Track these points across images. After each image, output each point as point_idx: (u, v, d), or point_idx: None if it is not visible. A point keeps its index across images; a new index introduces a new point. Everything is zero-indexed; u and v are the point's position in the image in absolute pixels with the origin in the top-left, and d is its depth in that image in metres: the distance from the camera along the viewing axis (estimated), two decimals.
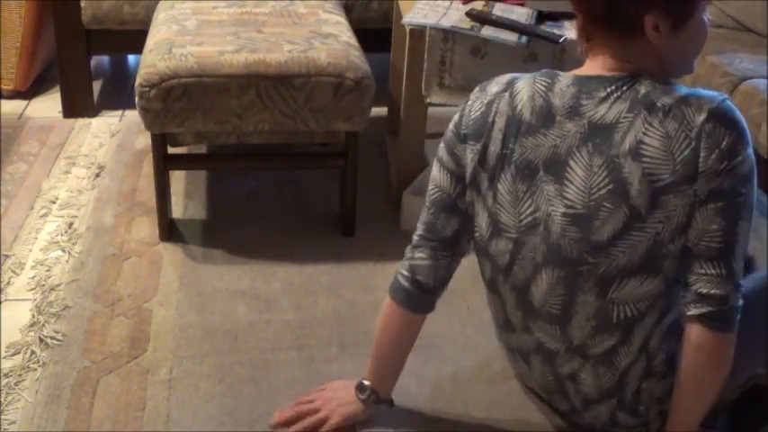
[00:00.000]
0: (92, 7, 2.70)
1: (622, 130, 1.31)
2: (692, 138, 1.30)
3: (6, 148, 2.63)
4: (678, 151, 1.30)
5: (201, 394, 1.67)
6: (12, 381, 1.68)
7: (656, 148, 1.30)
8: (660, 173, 1.30)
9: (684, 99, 1.32)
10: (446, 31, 2.12)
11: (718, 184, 1.30)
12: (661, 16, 1.30)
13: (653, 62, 1.35)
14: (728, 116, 1.33)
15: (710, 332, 1.32)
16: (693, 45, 1.39)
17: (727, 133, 1.32)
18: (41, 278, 2.00)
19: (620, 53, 1.35)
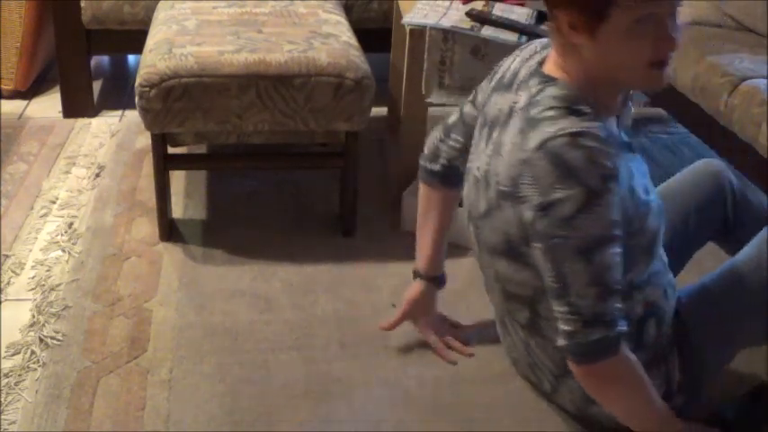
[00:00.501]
0: (92, 7, 2.70)
1: (511, 123, 1.37)
2: (522, 160, 1.31)
3: (6, 148, 2.63)
4: (513, 167, 1.33)
5: (201, 394, 1.67)
6: (12, 381, 1.68)
7: (506, 155, 1.35)
8: (501, 178, 1.35)
9: (537, 120, 1.31)
10: (446, 31, 2.12)
11: (532, 223, 1.30)
12: (573, 13, 1.27)
13: (578, 65, 1.33)
14: (556, 153, 1.27)
15: (572, 363, 1.35)
16: (625, 52, 1.29)
17: (549, 171, 1.27)
18: (41, 278, 2.00)
19: (556, 49, 1.37)
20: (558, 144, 1.27)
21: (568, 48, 1.33)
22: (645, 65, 1.30)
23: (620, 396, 1.43)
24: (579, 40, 1.29)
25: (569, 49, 1.33)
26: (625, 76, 1.33)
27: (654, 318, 1.48)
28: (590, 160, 1.25)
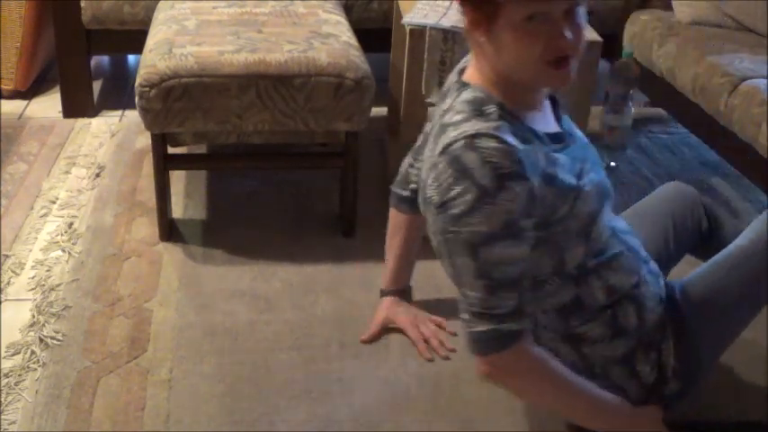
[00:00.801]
0: (92, 7, 2.70)
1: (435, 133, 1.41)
2: (430, 165, 1.37)
3: (6, 148, 2.63)
4: (425, 173, 1.40)
5: (201, 394, 1.67)
6: (12, 381, 1.68)
7: (424, 164, 1.42)
8: (421, 186, 1.43)
9: (446, 126, 1.37)
10: (446, 31, 2.12)
11: (433, 220, 1.37)
12: (471, 10, 1.32)
13: (486, 64, 1.38)
14: (455, 155, 1.31)
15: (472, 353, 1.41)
16: (517, 48, 1.31)
17: (447, 172, 1.32)
18: (41, 278, 2.00)
19: (472, 50, 1.41)
20: (456, 147, 1.31)
21: (476, 47, 1.38)
22: (538, 62, 1.31)
23: (528, 391, 1.48)
24: (480, 38, 1.34)
25: (477, 49, 1.38)
26: (522, 72, 1.34)
27: (632, 305, 1.49)
28: (484, 160, 1.28)
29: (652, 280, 1.54)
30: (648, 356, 1.51)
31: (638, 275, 1.51)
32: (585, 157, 1.47)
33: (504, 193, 1.29)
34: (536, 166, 1.33)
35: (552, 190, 1.36)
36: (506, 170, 1.28)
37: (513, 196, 1.29)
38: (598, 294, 1.47)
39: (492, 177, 1.28)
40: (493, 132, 1.30)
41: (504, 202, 1.29)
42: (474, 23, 1.33)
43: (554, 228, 1.39)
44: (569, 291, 1.46)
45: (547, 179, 1.35)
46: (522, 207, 1.31)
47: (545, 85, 1.42)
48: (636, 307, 1.50)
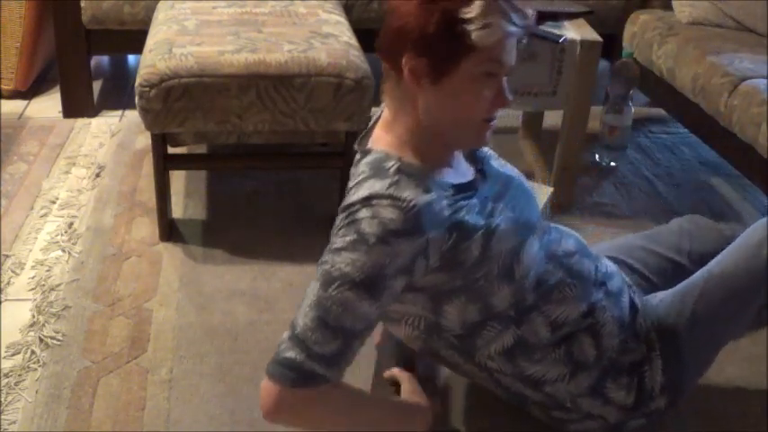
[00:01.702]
0: (92, 7, 2.70)
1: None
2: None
3: (6, 148, 2.63)
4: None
5: (201, 394, 1.67)
6: (12, 381, 1.68)
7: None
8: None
9: (349, 189, 1.35)
10: None
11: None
12: (422, 60, 1.28)
13: (409, 118, 1.35)
14: (352, 217, 1.29)
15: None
16: (466, 103, 1.31)
17: (343, 225, 1.31)
18: (41, 278, 2.00)
19: (390, 104, 1.38)
20: (353, 209, 1.30)
21: (404, 100, 1.34)
22: (481, 118, 1.33)
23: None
24: (418, 89, 1.31)
25: (404, 102, 1.34)
26: (458, 128, 1.34)
27: (587, 337, 1.47)
28: (374, 216, 1.27)
29: (611, 303, 1.50)
30: (619, 381, 1.49)
31: (587, 302, 1.47)
32: (501, 194, 1.44)
33: (384, 247, 1.26)
34: (438, 218, 1.30)
35: (460, 236, 1.33)
36: (393, 227, 1.26)
37: (393, 253, 1.26)
38: (542, 331, 1.44)
39: (376, 230, 1.26)
40: (386, 192, 1.28)
41: (380, 255, 1.26)
42: (420, 74, 1.29)
43: (472, 275, 1.36)
44: (510, 333, 1.43)
45: (452, 228, 1.32)
46: (399, 266, 1.28)
47: (471, 144, 1.41)
48: (592, 338, 1.47)
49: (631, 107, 2.63)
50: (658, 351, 1.51)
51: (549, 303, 1.45)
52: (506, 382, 1.50)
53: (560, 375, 1.47)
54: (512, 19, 1.28)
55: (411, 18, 1.28)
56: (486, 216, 1.37)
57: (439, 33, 1.26)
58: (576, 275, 1.48)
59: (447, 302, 1.40)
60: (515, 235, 1.40)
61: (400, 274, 1.29)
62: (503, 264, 1.38)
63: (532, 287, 1.43)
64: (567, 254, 1.49)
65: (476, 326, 1.42)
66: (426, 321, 1.44)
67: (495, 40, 1.26)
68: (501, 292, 1.39)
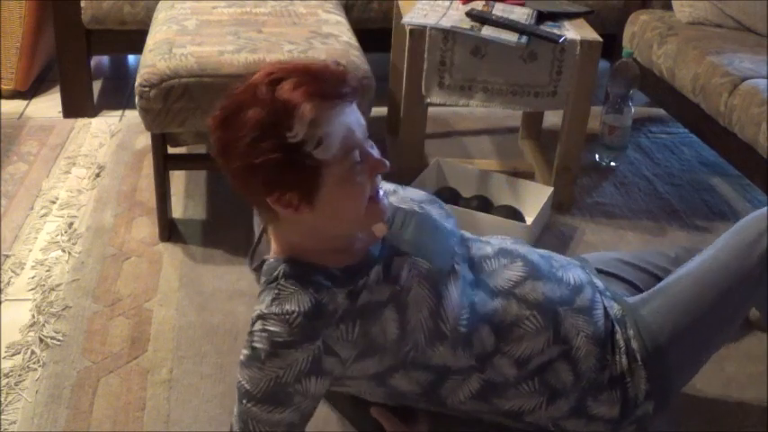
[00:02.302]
0: (92, 7, 2.70)
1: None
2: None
3: (6, 148, 2.63)
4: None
5: (201, 394, 1.67)
6: (12, 381, 1.68)
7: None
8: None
9: (272, 299, 1.31)
10: (446, 31, 2.12)
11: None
12: (287, 195, 1.23)
13: (305, 236, 1.32)
14: (252, 328, 1.30)
15: None
16: (347, 206, 1.27)
17: (247, 336, 1.31)
18: (41, 278, 2.00)
19: (272, 234, 1.36)
20: (252, 323, 1.30)
21: (283, 227, 1.32)
22: (365, 201, 1.28)
23: None
24: (300, 216, 1.26)
25: (289, 229, 1.32)
26: (351, 224, 1.31)
27: (563, 364, 1.43)
28: (262, 331, 1.28)
29: (582, 321, 1.44)
30: (600, 398, 1.45)
31: (552, 329, 1.42)
32: (409, 244, 1.39)
33: (275, 360, 1.26)
34: (331, 316, 1.28)
35: (366, 320, 1.31)
36: (281, 339, 1.26)
37: (286, 364, 1.26)
38: (508, 371, 1.41)
39: (266, 345, 1.27)
40: (272, 307, 1.28)
41: (273, 369, 1.26)
42: (294, 205, 1.24)
43: (400, 351, 1.33)
44: (475, 379, 1.40)
45: (353, 316, 1.30)
46: (300, 372, 1.27)
47: (373, 221, 1.34)
48: (567, 364, 1.43)
49: (631, 107, 2.63)
50: (641, 361, 1.46)
51: (510, 343, 1.40)
52: (486, 417, 1.49)
53: (537, 404, 1.44)
54: (336, 102, 1.22)
55: (251, 165, 1.22)
56: (393, 282, 1.33)
57: (285, 169, 1.21)
58: (534, 305, 1.41)
59: (390, 378, 1.38)
60: (430, 290, 1.34)
61: (306, 377, 1.28)
62: (428, 329, 1.34)
63: (487, 333, 1.38)
64: (516, 283, 1.42)
65: (434, 384, 1.40)
66: (384, 392, 1.43)
67: (337, 146, 1.22)
68: (439, 352, 1.36)
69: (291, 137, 1.19)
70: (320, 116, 1.20)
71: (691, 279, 1.51)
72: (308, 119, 1.19)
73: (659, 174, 2.65)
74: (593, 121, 2.41)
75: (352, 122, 1.25)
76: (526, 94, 2.19)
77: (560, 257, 1.57)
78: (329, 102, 1.22)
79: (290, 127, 1.19)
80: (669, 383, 1.49)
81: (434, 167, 2.39)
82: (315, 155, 1.21)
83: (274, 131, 1.19)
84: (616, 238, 2.28)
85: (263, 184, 1.24)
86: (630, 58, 2.60)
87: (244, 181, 1.27)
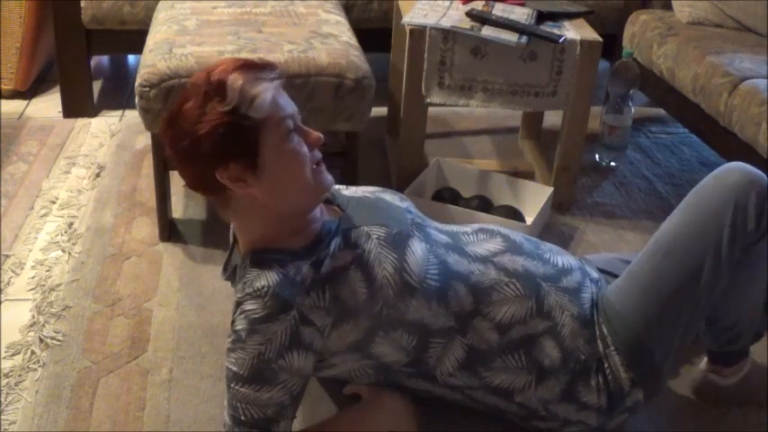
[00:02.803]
0: (92, 7, 2.70)
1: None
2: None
3: (6, 148, 2.63)
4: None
5: (201, 394, 1.67)
6: (12, 381, 1.68)
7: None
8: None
9: (243, 285, 1.37)
10: (446, 31, 2.12)
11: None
12: (230, 164, 1.33)
13: (256, 216, 1.40)
14: (235, 311, 1.36)
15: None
16: (290, 171, 1.37)
17: (232, 325, 1.36)
18: (41, 278, 2.00)
19: (233, 218, 1.44)
20: (233, 314, 1.37)
21: (242, 207, 1.40)
22: (310, 169, 1.39)
23: None
24: (251, 189, 1.36)
25: (243, 208, 1.40)
26: (301, 191, 1.39)
27: (549, 340, 1.45)
28: (240, 314, 1.34)
29: (568, 300, 1.48)
30: (590, 384, 1.47)
31: (535, 299, 1.45)
32: (361, 218, 1.46)
33: (255, 336, 1.32)
34: (300, 285, 1.34)
35: (335, 285, 1.36)
36: (257, 315, 1.32)
37: (266, 339, 1.31)
38: (490, 336, 1.44)
39: (245, 324, 1.33)
40: (245, 291, 1.34)
41: (255, 345, 1.32)
42: (240, 177, 1.34)
43: (372, 310, 1.37)
44: (458, 343, 1.44)
45: (321, 282, 1.36)
46: (282, 345, 1.32)
47: (319, 195, 1.43)
48: (553, 340, 1.45)
49: (631, 107, 2.63)
50: (612, 345, 1.47)
51: (489, 306, 1.44)
52: (478, 396, 1.50)
53: (527, 383, 1.46)
54: (263, 77, 1.36)
55: (197, 139, 1.33)
56: (353, 247, 1.39)
57: (227, 134, 1.32)
58: (513, 273, 1.47)
59: (372, 345, 1.41)
60: (391, 249, 1.41)
61: (288, 350, 1.33)
62: (394, 283, 1.39)
63: (464, 292, 1.43)
64: (495, 253, 1.49)
65: (418, 348, 1.43)
66: (371, 367, 1.46)
67: (268, 106, 1.34)
68: (412, 307, 1.40)
69: (227, 104, 1.32)
70: (247, 82, 1.34)
71: (651, 255, 1.50)
72: (238, 85, 1.33)
73: (659, 174, 2.65)
74: (593, 121, 2.41)
75: (279, 96, 1.38)
76: (526, 94, 2.20)
77: (552, 245, 1.61)
78: (255, 72, 1.36)
79: (224, 97, 1.32)
80: (653, 366, 1.48)
81: (434, 167, 2.39)
82: (250, 114, 1.32)
83: (213, 105, 1.32)
84: (616, 238, 2.28)
85: (211, 156, 1.33)
86: (630, 58, 2.60)
87: (192, 160, 1.36)
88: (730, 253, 1.45)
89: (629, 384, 1.47)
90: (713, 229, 1.45)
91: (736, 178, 1.48)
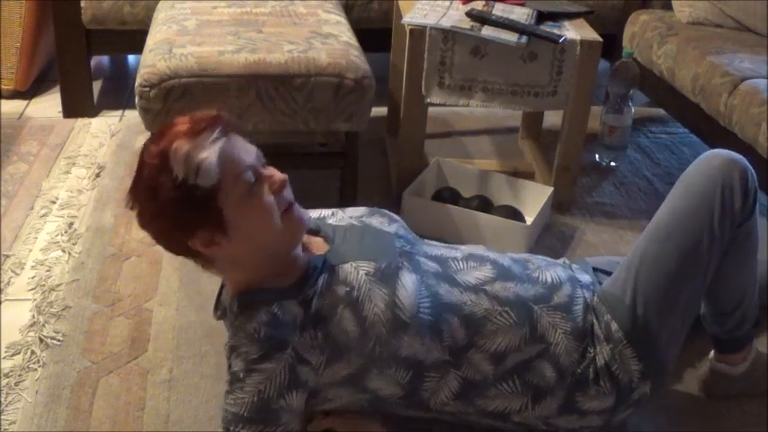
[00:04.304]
0: (92, 7, 2.70)
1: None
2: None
3: (6, 148, 2.63)
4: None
5: (201, 394, 1.67)
6: (12, 381, 1.68)
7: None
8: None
9: (235, 330, 1.38)
10: (446, 31, 2.12)
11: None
12: (197, 232, 1.33)
13: (244, 269, 1.40)
14: (230, 355, 1.37)
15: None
16: (259, 225, 1.35)
17: (228, 368, 1.37)
18: (41, 278, 2.00)
19: (224, 277, 1.46)
20: (228, 359, 1.37)
21: (223, 267, 1.42)
22: (279, 217, 1.35)
23: None
24: (226, 248, 1.35)
25: (222, 263, 1.41)
26: (275, 240, 1.37)
27: (543, 362, 1.44)
28: (236, 356, 1.34)
29: (560, 318, 1.47)
30: (589, 393, 1.46)
31: (528, 326, 1.44)
32: (348, 249, 1.44)
33: (254, 375, 1.32)
34: (291, 323, 1.34)
35: (324, 323, 1.35)
36: (254, 356, 1.32)
37: (265, 378, 1.31)
38: (484, 367, 1.43)
39: (242, 365, 1.32)
40: (238, 334, 1.35)
41: (255, 384, 1.31)
42: (211, 241, 1.34)
43: (364, 348, 1.36)
44: (452, 376, 1.42)
45: (311, 321, 1.35)
46: (281, 384, 1.32)
47: (294, 238, 1.40)
48: (548, 362, 1.45)
49: (631, 107, 2.63)
50: (624, 339, 1.47)
51: (484, 337, 1.42)
52: (473, 419, 1.49)
53: (523, 405, 1.45)
54: (209, 137, 1.30)
55: (159, 217, 1.33)
56: (341, 284, 1.38)
57: (183, 208, 1.30)
58: (505, 302, 1.45)
59: (367, 380, 1.40)
60: (381, 285, 1.38)
61: (288, 390, 1.32)
62: (386, 320, 1.37)
63: (457, 324, 1.41)
64: (485, 281, 1.46)
65: (413, 383, 1.41)
66: (366, 400, 1.44)
67: (216, 170, 1.29)
68: (405, 342, 1.38)
69: (176, 178, 1.29)
70: (192, 149, 1.29)
71: (648, 243, 1.53)
72: (181, 156, 1.29)
73: (659, 174, 2.65)
74: (593, 121, 2.41)
75: (232, 149, 1.32)
76: (526, 94, 2.20)
77: (539, 259, 1.59)
78: (198, 136, 1.31)
79: (170, 170, 1.29)
80: (659, 355, 1.49)
81: (434, 167, 2.39)
82: (199, 183, 1.29)
83: (161, 180, 1.30)
84: (616, 238, 2.28)
85: (177, 230, 1.33)
86: (630, 58, 2.60)
87: (160, 236, 1.37)
88: (722, 232, 1.49)
89: (638, 377, 1.48)
90: (705, 211, 1.49)
91: (719, 162, 1.53)
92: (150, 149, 1.33)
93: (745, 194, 1.51)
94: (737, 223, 1.51)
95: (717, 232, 1.48)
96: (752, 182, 1.53)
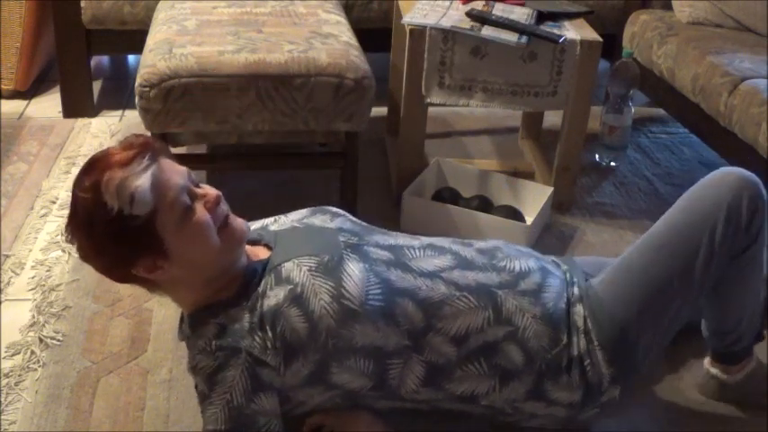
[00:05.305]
0: (92, 7, 2.70)
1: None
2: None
3: (6, 148, 2.63)
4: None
5: None
6: (12, 381, 1.68)
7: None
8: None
9: (190, 350, 1.41)
10: (446, 31, 2.12)
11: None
12: (142, 260, 1.34)
13: (189, 288, 1.42)
14: (193, 376, 1.40)
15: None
16: (199, 245, 1.36)
17: (196, 389, 1.41)
18: (41, 278, 2.00)
19: (174, 299, 1.47)
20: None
21: (169, 289, 1.44)
22: (216, 234, 1.37)
23: None
24: (169, 271, 1.37)
25: (171, 289, 1.44)
26: (214, 256, 1.39)
27: (510, 344, 1.44)
28: (197, 374, 1.37)
29: (527, 302, 1.46)
30: (559, 382, 1.46)
31: (491, 309, 1.44)
32: (288, 249, 1.45)
33: (217, 387, 1.34)
34: (241, 330, 1.36)
35: (274, 324, 1.36)
36: (211, 369, 1.34)
37: (228, 387, 1.33)
38: (446, 350, 1.43)
39: (204, 380, 1.35)
40: (193, 353, 1.37)
41: (221, 395, 1.33)
42: (153, 267, 1.36)
43: (317, 342, 1.36)
44: (415, 361, 1.42)
45: (261, 325, 1.36)
46: (246, 389, 1.33)
47: (236, 244, 1.41)
48: (516, 344, 1.44)
49: (631, 107, 2.63)
50: (596, 341, 1.46)
51: (442, 320, 1.42)
52: (444, 404, 1.49)
53: (490, 387, 1.45)
54: (139, 164, 1.31)
55: (101, 252, 1.35)
56: (285, 282, 1.38)
57: (123, 239, 1.31)
58: (465, 288, 1.45)
59: (330, 376, 1.40)
60: (325, 278, 1.39)
61: (254, 393, 1.34)
62: (334, 312, 1.37)
63: (412, 309, 1.41)
64: (443, 269, 1.47)
65: (377, 372, 1.41)
66: (339, 396, 1.45)
67: (150, 197, 1.30)
68: (358, 332, 1.38)
69: (110, 210, 1.29)
70: (123, 179, 1.29)
71: (644, 249, 1.52)
72: (113, 189, 1.29)
73: (659, 174, 2.65)
74: (593, 121, 2.41)
75: (162, 174, 1.33)
76: (526, 94, 2.20)
77: (511, 248, 1.58)
78: (128, 165, 1.31)
79: (104, 204, 1.29)
80: (633, 363, 1.48)
81: (434, 167, 2.39)
82: (135, 212, 1.29)
83: (97, 215, 1.30)
84: (616, 238, 2.28)
85: (119, 262, 1.35)
86: (630, 58, 2.60)
87: (103, 268, 1.39)
88: (721, 250, 1.47)
89: (608, 380, 1.47)
90: (707, 226, 1.47)
91: (732, 180, 1.51)
92: (82, 182, 1.32)
93: (752, 215, 1.48)
94: (743, 246, 1.49)
95: (717, 249, 1.46)
96: (762, 204, 1.49)
